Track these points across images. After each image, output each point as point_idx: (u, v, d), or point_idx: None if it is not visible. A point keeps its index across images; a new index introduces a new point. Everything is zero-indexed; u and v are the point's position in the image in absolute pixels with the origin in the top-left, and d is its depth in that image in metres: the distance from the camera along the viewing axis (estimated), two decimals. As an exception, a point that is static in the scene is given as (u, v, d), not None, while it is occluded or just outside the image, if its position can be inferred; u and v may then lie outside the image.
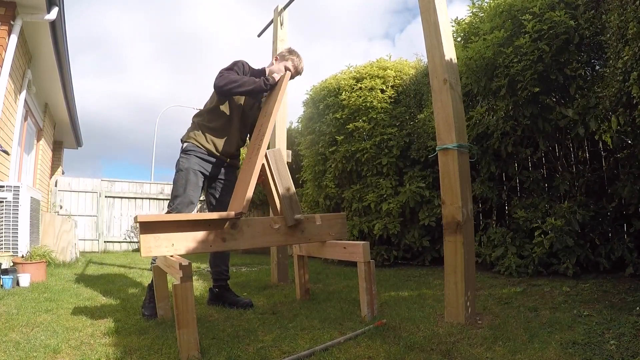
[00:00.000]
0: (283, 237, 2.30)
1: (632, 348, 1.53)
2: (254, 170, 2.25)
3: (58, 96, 6.59)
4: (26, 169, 6.35)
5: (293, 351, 1.68)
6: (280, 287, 3.37)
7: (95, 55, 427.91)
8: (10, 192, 4.04)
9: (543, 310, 2.16)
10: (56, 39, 4.80)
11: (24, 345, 1.79)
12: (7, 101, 4.31)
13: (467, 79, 3.34)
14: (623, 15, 2.14)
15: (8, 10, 4.03)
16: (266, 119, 2.50)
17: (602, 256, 2.87)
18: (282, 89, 2.56)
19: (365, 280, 2.19)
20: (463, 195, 2.03)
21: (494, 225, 3.67)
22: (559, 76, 2.91)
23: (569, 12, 2.90)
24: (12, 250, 3.90)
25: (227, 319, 2.29)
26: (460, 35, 3.66)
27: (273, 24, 4.17)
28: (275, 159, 2.44)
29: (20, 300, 2.79)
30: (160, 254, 1.91)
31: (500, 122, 3.24)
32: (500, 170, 3.54)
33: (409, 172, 4.30)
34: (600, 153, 3.22)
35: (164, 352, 1.71)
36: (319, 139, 4.92)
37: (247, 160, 2.47)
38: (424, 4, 2.19)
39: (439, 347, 1.66)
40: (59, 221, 5.59)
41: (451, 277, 2.03)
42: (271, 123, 2.43)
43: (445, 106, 2.10)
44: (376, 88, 4.53)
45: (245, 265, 5.19)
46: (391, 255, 4.30)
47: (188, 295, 1.68)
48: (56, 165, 9.26)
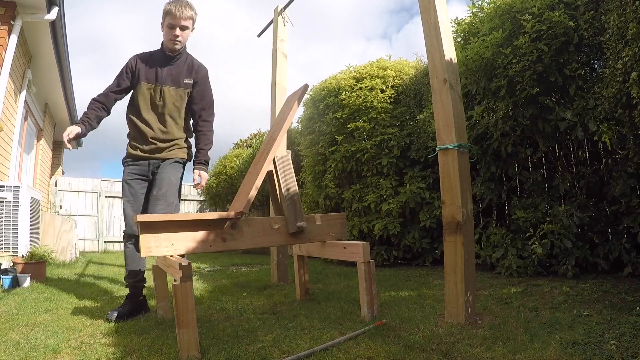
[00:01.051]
0: (283, 238, 2.30)
1: (632, 348, 1.53)
2: (260, 173, 2.28)
3: (58, 96, 6.59)
4: (26, 169, 6.35)
5: (293, 351, 1.68)
6: (280, 287, 3.37)
7: (93, 57, 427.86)
8: (10, 192, 4.04)
9: (543, 310, 2.16)
10: (56, 39, 4.80)
11: (24, 345, 1.79)
12: (7, 101, 4.31)
13: (466, 80, 3.34)
14: (623, 15, 2.14)
15: (8, 10, 4.03)
16: (279, 127, 2.56)
17: (601, 257, 2.87)
18: (300, 99, 2.60)
19: (365, 280, 2.19)
20: (463, 195, 2.03)
21: (494, 226, 3.67)
22: (558, 77, 2.92)
23: (569, 12, 2.90)
24: (12, 250, 3.90)
25: (227, 319, 2.29)
26: (460, 35, 3.66)
27: (273, 24, 4.17)
28: (284, 165, 2.45)
29: (20, 300, 2.79)
30: (160, 254, 1.91)
31: (499, 122, 3.24)
32: (500, 170, 3.54)
33: (409, 172, 4.31)
34: (600, 153, 3.22)
35: (164, 352, 1.71)
36: (319, 139, 4.92)
37: (255, 163, 2.50)
38: (424, 4, 2.19)
39: (439, 347, 1.66)
40: (59, 221, 5.59)
41: (451, 277, 2.04)
42: (283, 131, 2.48)
43: (445, 106, 2.10)
44: (376, 88, 4.53)
45: (245, 265, 5.19)
46: (391, 255, 4.30)
47: (188, 295, 1.68)
48: (56, 165, 9.26)
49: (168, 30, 2.42)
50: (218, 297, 2.92)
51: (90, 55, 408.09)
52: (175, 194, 2.48)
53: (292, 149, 5.74)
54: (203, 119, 2.57)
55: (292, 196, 2.38)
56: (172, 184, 2.47)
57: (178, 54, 2.51)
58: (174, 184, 2.49)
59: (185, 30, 2.44)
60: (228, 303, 2.70)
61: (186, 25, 2.42)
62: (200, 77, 2.55)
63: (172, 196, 2.44)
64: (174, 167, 2.52)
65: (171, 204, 2.42)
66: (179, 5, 2.37)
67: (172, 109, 2.52)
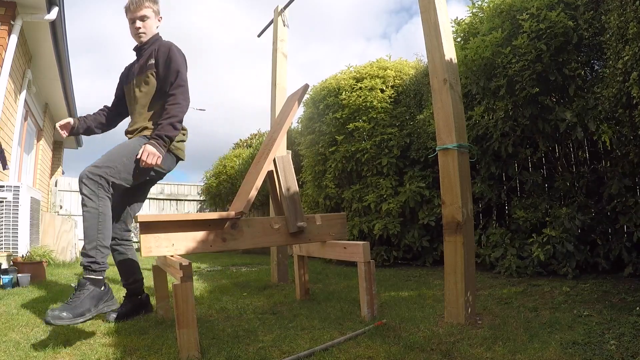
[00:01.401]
0: (283, 238, 2.30)
1: (632, 348, 1.53)
2: (260, 173, 2.28)
3: (58, 96, 6.59)
4: (26, 169, 6.35)
5: (293, 351, 1.68)
6: (280, 287, 3.37)
7: (90, 58, 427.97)
8: (10, 192, 4.04)
9: (543, 310, 2.16)
10: (56, 39, 4.80)
11: (24, 345, 1.79)
12: (7, 101, 4.31)
13: (466, 79, 3.34)
14: (623, 15, 2.14)
15: (8, 10, 4.03)
16: (279, 127, 2.56)
17: (601, 256, 2.87)
18: (300, 99, 2.61)
19: (366, 280, 2.19)
20: (463, 195, 2.03)
21: (494, 226, 3.67)
22: (557, 76, 2.91)
23: (569, 12, 2.90)
24: (12, 250, 3.90)
25: (227, 319, 2.29)
26: (460, 35, 3.66)
27: (273, 24, 4.17)
28: (284, 165, 2.46)
29: (20, 300, 2.79)
30: (161, 254, 1.91)
31: (499, 122, 3.24)
32: (500, 170, 3.54)
33: (409, 172, 4.31)
34: (600, 153, 3.22)
35: (164, 352, 1.71)
36: (319, 139, 4.92)
37: (255, 163, 2.50)
38: (424, 4, 2.19)
39: (439, 347, 1.66)
40: (59, 221, 5.59)
41: (451, 277, 2.04)
42: (283, 131, 2.48)
43: (445, 106, 2.10)
44: (376, 88, 4.53)
45: (245, 265, 5.19)
46: (391, 255, 4.30)
47: (188, 295, 1.68)
48: (56, 165, 9.25)
49: (130, 26, 2.34)
50: (218, 297, 2.92)
51: (89, 55, 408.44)
52: (119, 157, 2.05)
53: (292, 149, 5.74)
54: (169, 93, 2.22)
55: (292, 196, 2.38)
56: (121, 146, 2.13)
57: (147, 44, 2.38)
58: (123, 146, 2.13)
59: (146, 20, 2.33)
60: (228, 303, 2.70)
61: (144, 14, 2.32)
62: (161, 53, 2.29)
63: (112, 156, 2.04)
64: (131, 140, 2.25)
65: (110, 161, 2.01)
66: (132, 0, 2.30)
67: (140, 97, 2.31)
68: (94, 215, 1.90)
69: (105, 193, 1.94)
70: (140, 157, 2.03)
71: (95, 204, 1.91)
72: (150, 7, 2.35)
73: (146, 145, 2.05)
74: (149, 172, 2.18)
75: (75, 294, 1.82)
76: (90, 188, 1.90)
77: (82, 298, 1.79)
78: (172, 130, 2.13)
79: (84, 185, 1.91)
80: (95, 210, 1.90)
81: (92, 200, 1.90)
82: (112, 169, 1.98)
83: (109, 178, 1.95)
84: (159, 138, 2.10)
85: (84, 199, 1.90)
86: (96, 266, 1.87)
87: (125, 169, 2.04)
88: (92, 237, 1.89)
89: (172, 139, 2.16)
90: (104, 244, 1.92)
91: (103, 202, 1.93)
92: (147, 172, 2.16)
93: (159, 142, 2.09)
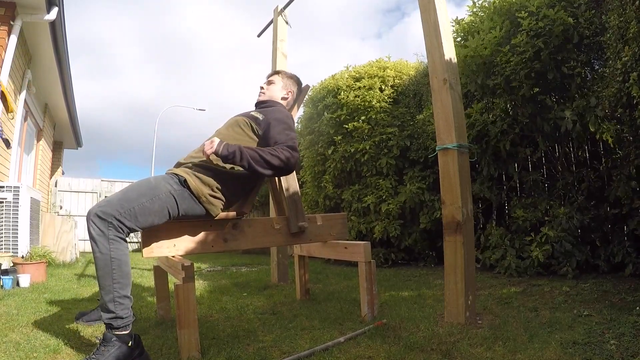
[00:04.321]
0: (284, 238, 2.30)
1: (632, 348, 1.53)
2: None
3: (58, 96, 6.58)
4: (26, 169, 6.35)
5: (293, 351, 1.68)
6: (280, 287, 3.37)
7: (89, 59, 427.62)
8: (10, 193, 4.04)
9: (543, 310, 2.16)
10: (56, 39, 4.79)
11: (24, 345, 1.79)
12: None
13: (466, 78, 3.34)
14: (623, 15, 2.14)
15: (8, 11, 4.03)
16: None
17: (601, 259, 2.87)
18: (301, 101, 2.61)
19: (366, 280, 2.19)
20: (463, 195, 2.03)
21: (493, 226, 3.67)
22: (556, 74, 2.91)
23: (570, 10, 2.91)
24: (12, 251, 3.90)
25: (227, 319, 2.29)
26: (460, 35, 3.66)
27: (273, 24, 4.17)
28: None
29: (21, 300, 2.79)
30: (162, 254, 1.91)
31: (498, 120, 3.24)
32: (499, 170, 3.54)
33: (409, 172, 4.31)
34: (600, 153, 3.22)
35: (164, 352, 1.71)
36: (318, 139, 4.92)
37: None
38: (423, 4, 2.19)
39: (439, 347, 1.66)
40: (59, 221, 5.59)
41: (451, 277, 2.04)
42: None
43: (445, 106, 2.10)
44: (375, 87, 4.53)
45: (245, 265, 5.19)
46: (389, 258, 4.30)
47: (190, 296, 1.68)
48: (56, 165, 9.26)
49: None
50: (218, 297, 2.92)
51: (85, 57, 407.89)
52: (138, 196, 1.73)
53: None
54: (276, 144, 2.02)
55: (293, 196, 2.37)
56: (143, 183, 1.83)
57: (263, 103, 2.36)
58: (145, 183, 1.82)
59: (270, 85, 2.39)
60: (228, 303, 2.70)
61: (270, 80, 2.42)
62: (269, 114, 2.21)
63: (131, 193, 1.74)
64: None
65: (127, 200, 1.70)
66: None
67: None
68: (106, 262, 1.62)
69: (117, 234, 1.64)
70: (206, 147, 1.85)
71: (106, 248, 1.62)
72: (280, 77, 2.41)
73: (214, 138, 1.89)
74: (165, 219, 1.81)
75: (99, 349, 1.56)
76: (99, 229, 1.61)
77: (105, 356, 1.54)
78: (246, 156, 1.84)
79: (92, 224, 1.62)
80: (107, 256, 1.61)
81: (102, 244, 1.62)
82: (128, 210, 1.67)
83: (122, 219, 1.65)
84: (233, 146, 1.86)
85: (92, 241, 1.62)
86: (120, 322, 1.59)
87: (143, 212, 1.71)
88: (108, 289, 1.62)
89: (236, 157, 1.84)
90: (122, 294, 1.62)
91: (115, 245, 1.63)
92: (164, 218, 1.81)
93: (229, 146, 1.84)
